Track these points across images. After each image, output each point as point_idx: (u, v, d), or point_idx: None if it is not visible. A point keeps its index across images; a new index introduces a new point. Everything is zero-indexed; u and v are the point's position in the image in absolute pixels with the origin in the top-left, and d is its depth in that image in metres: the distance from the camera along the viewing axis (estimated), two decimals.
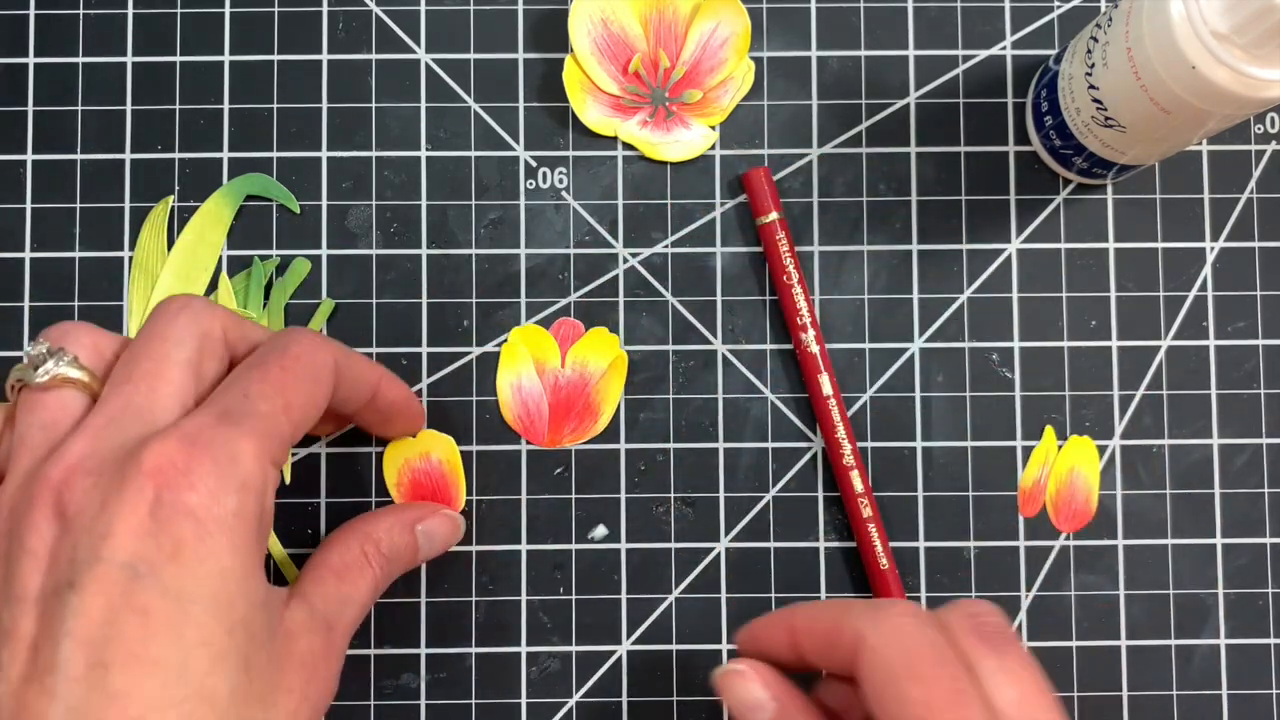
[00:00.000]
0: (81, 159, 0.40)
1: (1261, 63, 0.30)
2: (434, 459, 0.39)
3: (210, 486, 0.26)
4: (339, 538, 0.33)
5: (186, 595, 0.25)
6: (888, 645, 0.27)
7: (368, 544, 0.33)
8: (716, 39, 0.40)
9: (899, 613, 0.28)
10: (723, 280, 0.40)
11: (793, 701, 0.29)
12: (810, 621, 0.29)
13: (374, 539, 0.33)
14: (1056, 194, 0.40)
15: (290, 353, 0.30)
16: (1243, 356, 0.40)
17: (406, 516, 0.35)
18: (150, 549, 0.25)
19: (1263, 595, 0.40)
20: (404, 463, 0.39)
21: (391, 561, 0.33)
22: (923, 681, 0.26)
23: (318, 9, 0.40)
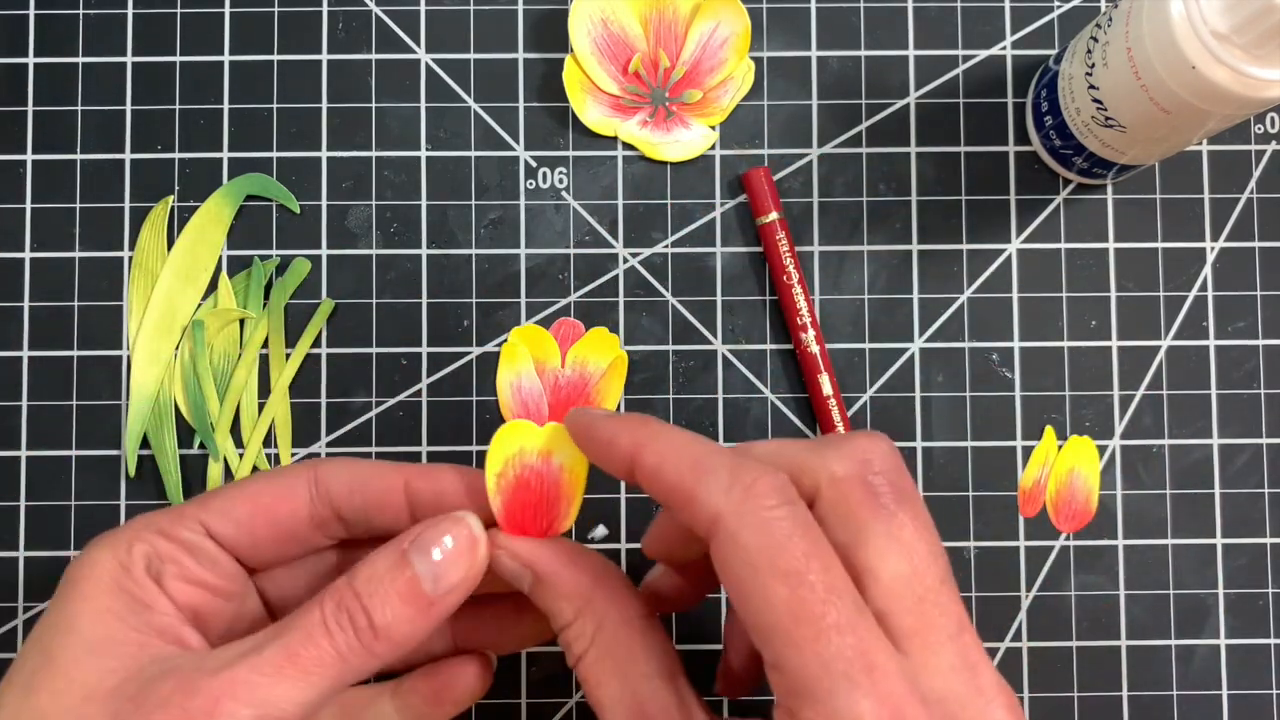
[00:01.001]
0: (81, 159, 0.40)
1: (1261, 62, 0.30)
2: (554, 462, 0.29)
3: (74, 560, 0.27)
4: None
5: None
6: (747, 531, 0.23)
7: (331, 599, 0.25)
8: (716, 39, 0.40)
9: (763, 490, 0.23)
10: (723, 280, 0.40)
11: (547, 559, 0.27)
12: (668, 476, 0.24)
13: (344, 577, 0.26)
14: (1056, 194, 0.40)
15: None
16: (1243, 356, 0.40)
17: (391, 542, 0.27)
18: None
19: (1263, 595, 0.40)
20: (515, 455, 0.29)
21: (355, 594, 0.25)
22: (788, 579, 0.22)
23: (318, 9, 0.40)
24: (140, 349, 0.39)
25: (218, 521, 0.28)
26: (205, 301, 0.39)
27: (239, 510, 0.28)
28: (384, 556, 0.26)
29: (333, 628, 0.25)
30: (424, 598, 0.25)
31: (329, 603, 0.25)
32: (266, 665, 0.24)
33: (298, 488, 0.28)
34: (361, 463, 0.29)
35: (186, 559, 0.28)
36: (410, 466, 0.29)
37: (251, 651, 0.24)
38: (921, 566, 0.24)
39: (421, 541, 0.26)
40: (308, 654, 0.24)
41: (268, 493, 0.28)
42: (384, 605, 0.25)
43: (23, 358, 0.39)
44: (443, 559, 0.26)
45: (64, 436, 0.39)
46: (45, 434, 0.39)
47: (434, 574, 0.26)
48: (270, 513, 0.28)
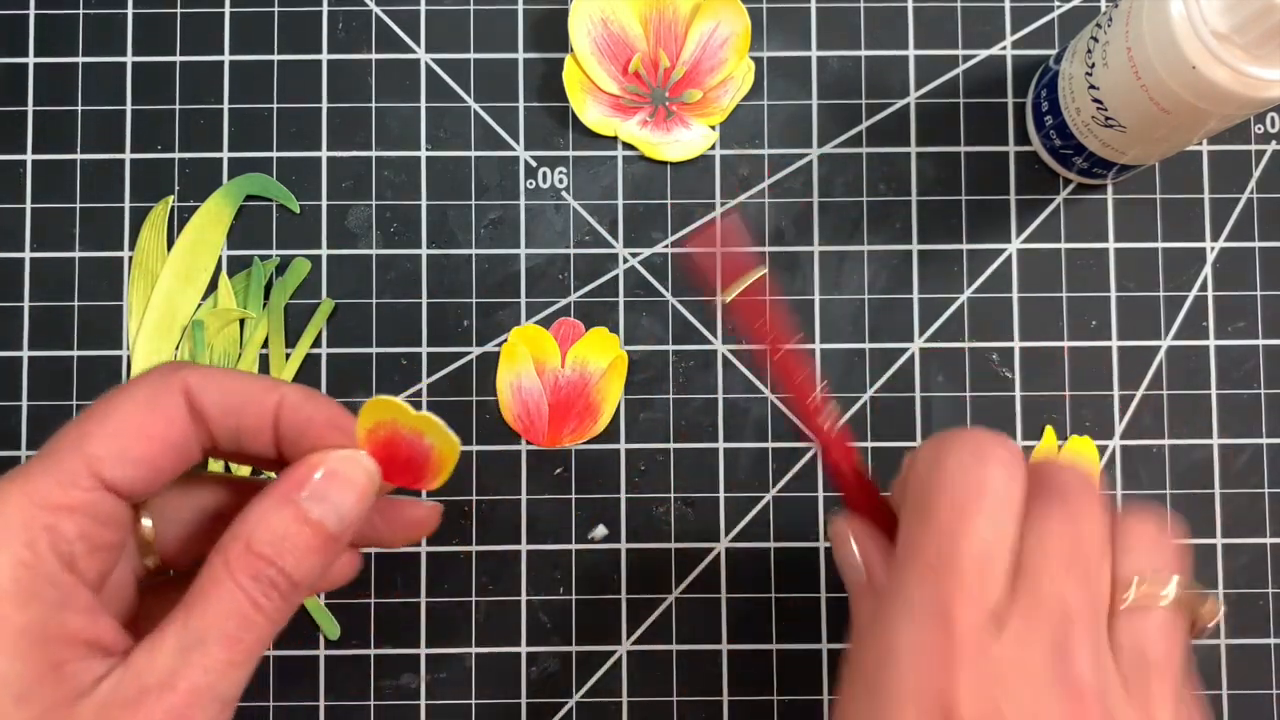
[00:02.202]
0: (81, 159, 0.40)
1: (1261, 62, 0.30)
2: (425, 440, 0.27)
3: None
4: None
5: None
6: (932, 472, 0.26)
7: (230, 550, 0.24)
8: (716, 39, 0.40)
9: (959, 445, 0.26)
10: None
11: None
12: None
13: (238, 539, 0.24)
14: (1056, 194, 0.40)
15: (118, 388, 0.25)
16: (1243, 356, 0.40)
17: (278, 488, 0.25)
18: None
19: (1263, 595, 0.39)
20: (388, 420, 0.27)
21: (272, 561, 0.24)
22: (948, 509, 0.25)
23: (318, 9, 0.40)
24: (140, 349, 0.39)
25: (115, 470, 0.24)
26: (205, 301, 0.39)
27: (132, 450, 0.24)
28: (279, 512, 0.24)
29: (261, 601, 0.24)
30: (331, 539, 0.25)
31: (243, 576, 0.24)
32: (216, 662, 0.23)
33: (176, 410, 0.25)
34: (233, 378, 0.26)
35: (93, 528, 0.24)
36: (281, 386, 0.26)
37: (195, 650, 0.23)
38: (1061, 550, 0.25)
39: (317, 490, 0.25)
40: (250, 636, 0.24)
41: (152, 422, 0.25)
42: (298, 562, 0.24)
43: (23, 358, 0.39)
44: (345, 501, 0.25)
45: None
46: (45, 434, 0.39)
47: (337, 516, 0.25)
48: (159, 444, 0.25)
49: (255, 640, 0.24)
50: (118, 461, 0.24)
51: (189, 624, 0.23)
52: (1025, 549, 0.25)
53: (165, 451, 0.25)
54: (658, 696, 0.39)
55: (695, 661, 0.39)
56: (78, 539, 0.23)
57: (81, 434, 0.24)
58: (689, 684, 0.39)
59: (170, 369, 0.25)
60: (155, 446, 0.25)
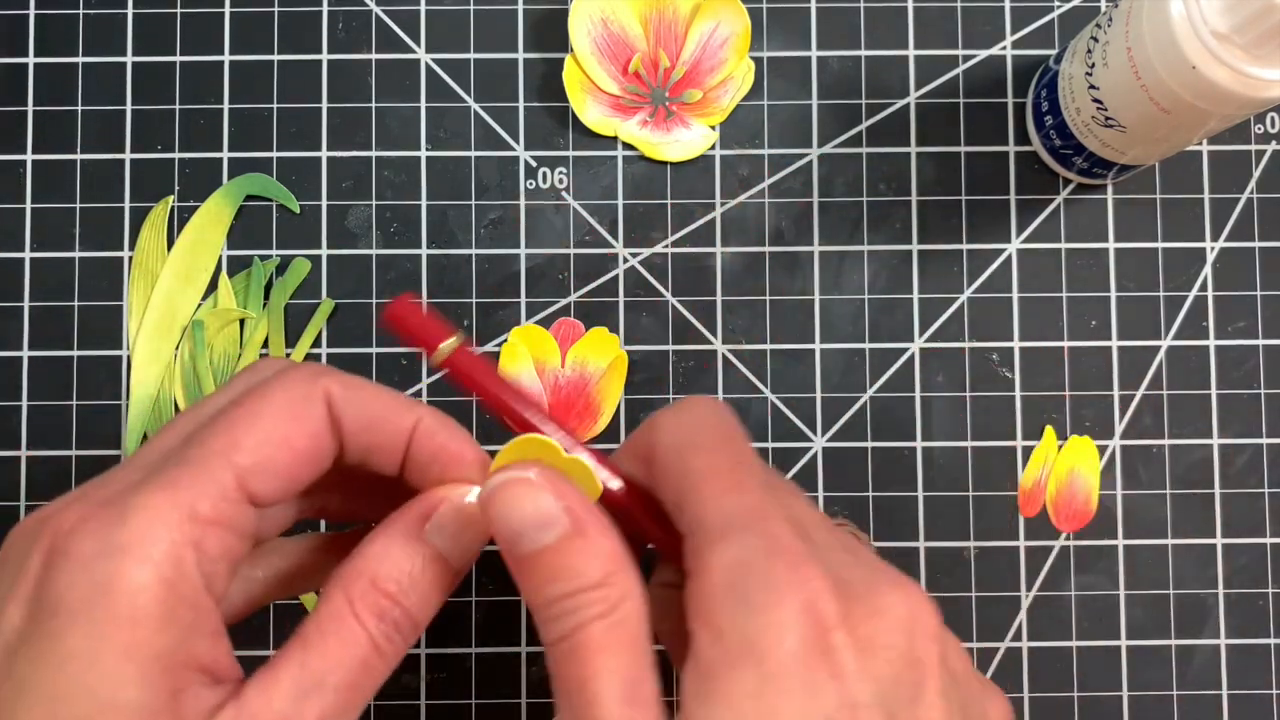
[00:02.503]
0: (81, 159, 0.40)
1: (1261, 62, 0.30)
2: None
3: (84, 553, 0.20)
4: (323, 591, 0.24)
5: (19, 697, 0.20)
6: (678, 422, 0.25)
7: (353, 587, 0.23)
8: (716, 39, 0.40)
9: (695, 401, 0.25)
10: (723, 280, 0.40)
11: (590, 515, 0.23)
12: (634, 448, 0.26)
13: (363, 575, 0.23)
14: (1056, 194, 0.40)
15: (255, 383, 0.24)
16: (1243, 356, 0.40)
17: (403, 522, 0.24)
18: (24, 622, 0.20)
19: (1263, 595, 0.39)
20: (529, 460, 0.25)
21: (398, 600, 0.23)
22: (705, 451, 0.23)
23: (318, 9, 0.40)
24: (140, 349, 0.39)
25: (260, 484, 0.22)
26: (205, 301, 0.39)
27: (278, 462, 0.23)
28: (406, 548, 0.23)
29: (383, 644, 0.22)
30: (451, 576, 0.24)
31: (367, 614, 0.22)
32: (333, 709, 0.22)
33: (319, 422, 0.24)
34: (373, 393, 0.24)
35: (235, 544, 0.22)
36: (419, 409, 0.25)
37: (311, 694, 0.21)
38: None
39: (445, 526, 0.23)
40: (369, 683, 0.22)
41: (297, 433, 0.23)
42: (423, 601, 0.23)
43: (23, 358, 0.39)
44: (467, 540, 0.24)
45: (64, 437, 0.39)
46: (45, 434, 0.39)
47: (461, 553, 0.24)
48: (302, 456, 0.23)
49: (372, 686, 0.22)
50: (264, 474, 0.22)
51: (307, 664, 0.22)
52: None
53: (305, 464, 0.23)
54: None
55: None
56: (221, 557, 0.22)
57: (230, 442, 0.22)
58: None
59: (313, 374, 0.24)
60: (298, 459, 0.23)
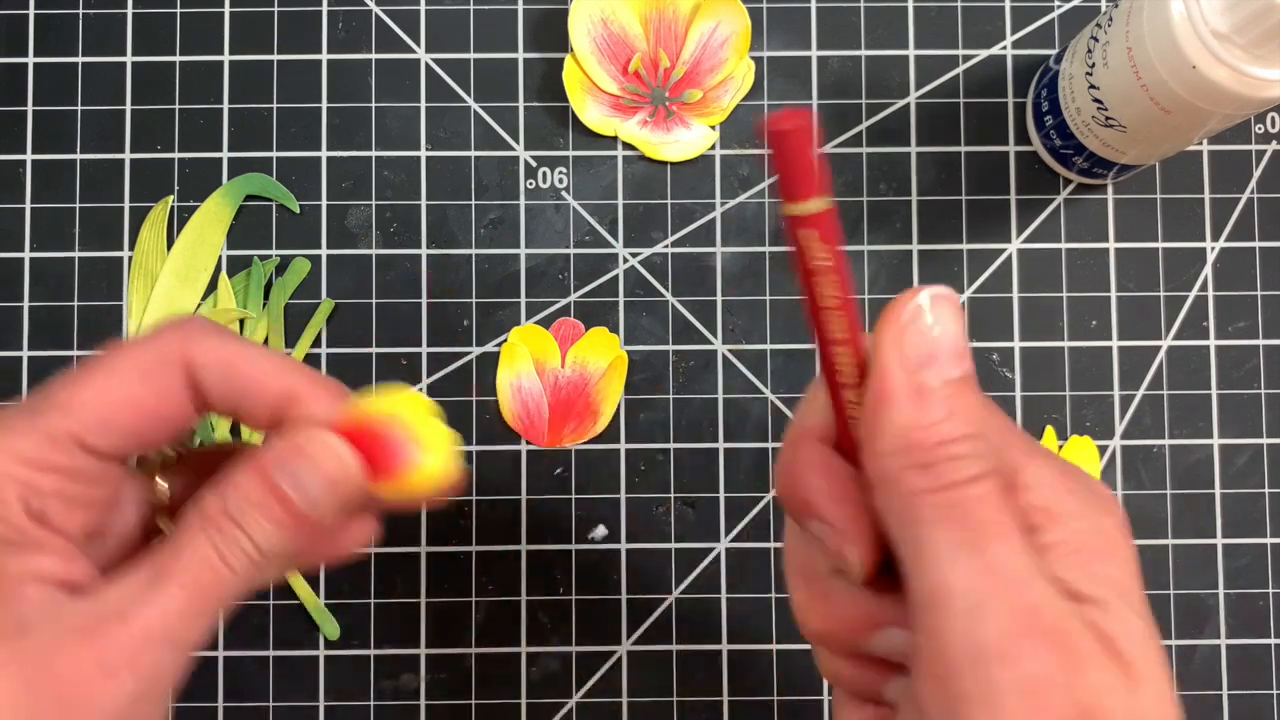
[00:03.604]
0: (81, 159, 0.40)
1: (1262, 62, 0.30)
2: (413, 445, 0.25)
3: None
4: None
5: None
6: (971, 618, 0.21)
7: (206, 508, 0.24)
8: (716, 39, 0.40)
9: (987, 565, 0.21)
10: (723, 280, 0.40)
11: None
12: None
13: (215, 499, 0.24)
14: (1057, 194, 0.40)
15: (117, 344, 0.25)
16: (1243, 356, 0.40)
17: (260, 457, 0.24)
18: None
19: (1263, 595, 0.39)
20: (378, 413, 0.25)
21: (242, 526, 0.24)
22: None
23: (318, 9, 0.40)
24: None
25: (97, 438, 0.24)
26: (205, 301, 0.39)
27: (118, 419, 0.24)
28: (251, 478, 0.24)
29: (230, 559, 0.24)
30: (301, 516, 0.24)
31: (212, 530, 0.24)
32: (174, 602, 0.23)
33: (171, 385, 0.25)
34: (239, 360, 0.25)
35: (72, 486, 0.24)
36: (289, 375, 0.25)
37: (154, 589, 0.23)
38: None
39: (288, 465, 0.24)
40: (212, 585, 0.24)
41: (144, 395, 0.24)
42: (265, 533, 0.24)
43: (22, 358, 0.39)
44: (313, 483, 0.24)
45: None
46: None
47: (307, 498, 0.24)
48: (152, 416, 0.25)
49: (217, 591, 0.24)
50: (101, 430, 0.24)
51: (156, 564, 0.24)
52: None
53: (153, 422, 0.25)
54: (658, 696, 0.39)
55: (695, 661, 0.39)
56: (52, 495, 0.24)
57: (70, 397, 0.24)
58: (689, 684, 0.39)
59: (175, 336, 0.25)
60: (143, 418, 0.25)
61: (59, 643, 0.22)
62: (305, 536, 0.25)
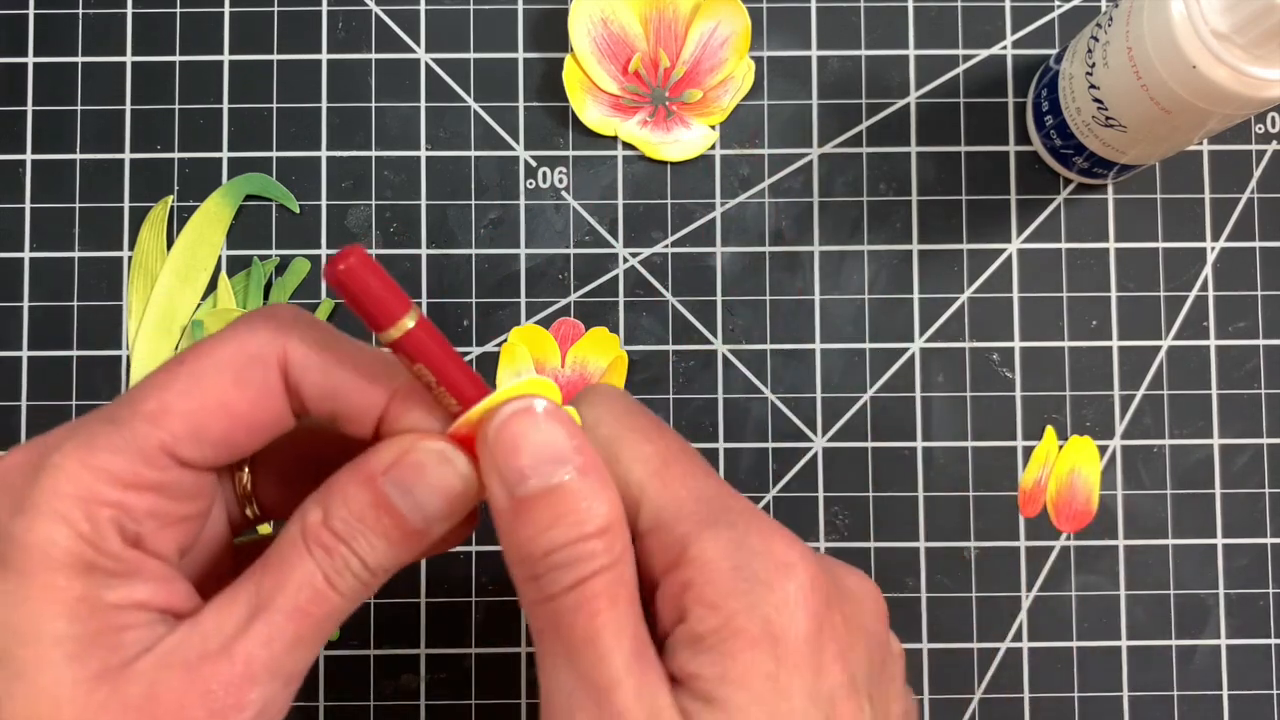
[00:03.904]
0: (81, 159, 0.40)
1: (1262, 62, 0.30)
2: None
3: (2, 506, 0.21)
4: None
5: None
6: (603, 415, 0.23)
7: (308, 518, 0.22)
8: (717, 38, 0.40)
9: (602, 390, 0.24)
10: (723, 280, 0.40)
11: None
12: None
13: (317, 510, 0.22)
14: (1057, 194, 0.40)
15: (208, 339, 0.23)
16: (1243, 356, 0.40)
17: (364, 466, 0.23)
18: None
19: (1263, 595, 0.39)
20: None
21: (345, 539, 0.22)
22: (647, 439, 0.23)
23: (318, 9, 0.40)
24: (140, 349, 0.39)
25: (190, 449, 0.22)
26: (205, 301, 0.39)
27: (214, 429, 0.22)
28: (358, 491, 0.22)
29: (335, 580, 0.22)
30: (413, 532, 0.23)
31: (317, 550, 0.22)
32: (281, 634, 0.21)
33: (267, 390, 0.22)
34: (341, 361, 0.23)
35: (166, 504, 0.22)
36: (398, 379, 0.23)
37: (259, 619, 0.21)
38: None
39: (398, 478, 0.22)
40: (320, 611, 0.22)
41: (238, 400, 0.22)
42: (373, 548, 0.22)
43: (22, 358, 0.39)
44: (427, 497, 0.23)
45: None
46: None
47: (420, 511, 0.23)
48: (243, 423, 0.22)
49: (325, 617, 0.22)
50: (194, 440, 0.22)
51: (259, 589, 0.22)
52: None
53: (249, 429, 0.23)
54: None
55: None
56: (147, 517, 0.22)
57: (159, 405, 0.22)
58: None
59: (269, 330, 0.23)
60: (238, 425, 0.22)
61: (161, 677, 0.21)
62: (417, 552, 0.23)
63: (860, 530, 0.39)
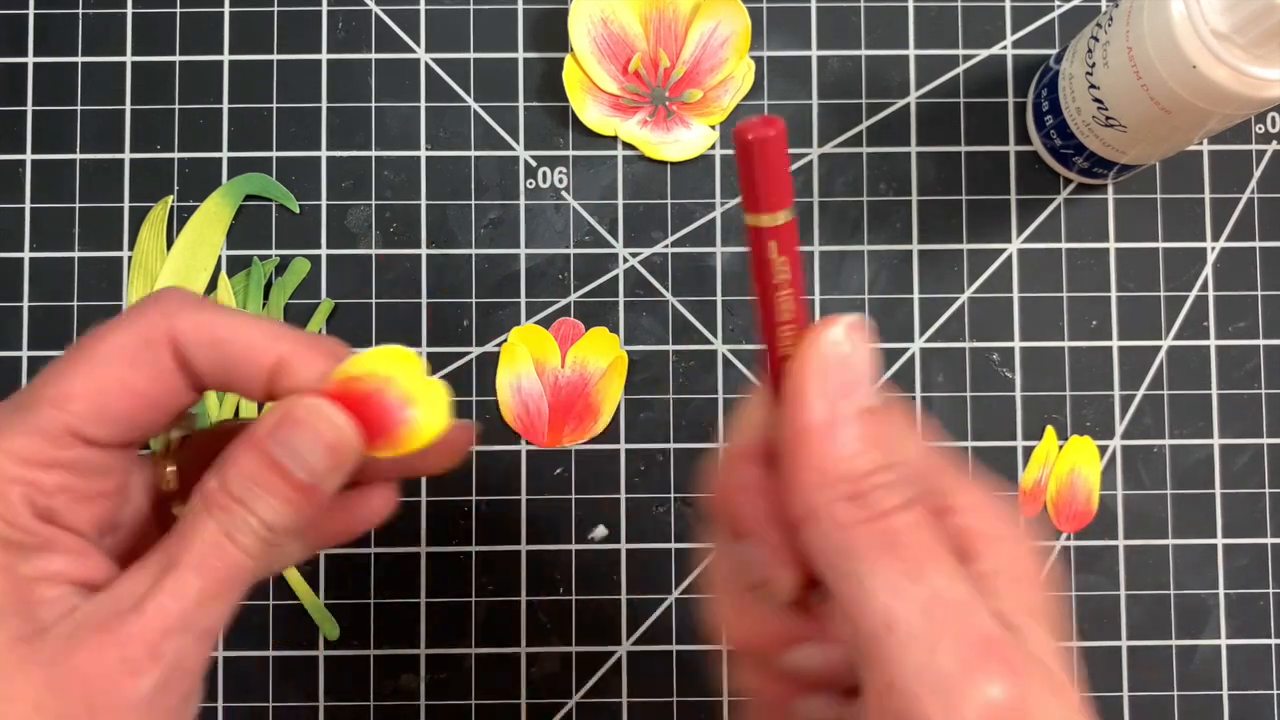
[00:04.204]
0: (81, 159, 0.40)
1: (1262, 62, 0.30)
2: (409, 411, 0.25)
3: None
4: None
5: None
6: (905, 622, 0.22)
7: (206, 488, 0.24)
8: (717, 38, 0.40)
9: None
10: (723, 280, 0.40)
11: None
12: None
13: (215, 477, 0.24)
14: (1057, 194, 0.40)
15: (103, 328, 0.24)
16: (1243, 356, 0.40)
17: (255, 430, 0.24)
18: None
19: (1263, 595, 0.39)
20: (370, 374, 0.25)
21: (242, 501, 0.23)
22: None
23: (317, 9, 0.40)
24: None
25: (94, 428, 0.24)
26: None
27: (113, 408, 0.24)
28: (248, 454, 0.24)
29: (237, 538, 0.23)
30: (305, 488, 0.24)
31: (217, 511, 0.23)
32: (188, 588, 0.23)
33: (161, 366, 0.24)
34: (227, 330, 0.24)
35: (76, 481, 0.24)
36: (282, 342, 0.25)
37: (167, 576, 0.23)
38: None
39: (281, 436, 0.24)
40: (223, 565, 0.23)
41: (137, 378, 0.24)
42: (266, 505, 0.23)
43: (22, 358, 0.39)
44: (309, 450, 0.24)
45: None
46: None
47: (305, 466, 0.24)
48: (146, 401, 0.24)
49: (230, 571, 0.23)
50: (97, 420, 0.23)
51: (167, 552, 0.23)
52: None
53: (149, 406, 0.24)
54: (658, 697, 0.39)
55: (695, 661, 0.39)
56: (58, 492, 0.23)
57: (59, 390, 0.23)
58: (689, 684, 0.39)
59: (155, 313, 0.24)
60: (138, 402, 0.24)
61: (78, 641, 0.22)
62: (312, 508, 0.24)
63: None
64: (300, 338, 0.25)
